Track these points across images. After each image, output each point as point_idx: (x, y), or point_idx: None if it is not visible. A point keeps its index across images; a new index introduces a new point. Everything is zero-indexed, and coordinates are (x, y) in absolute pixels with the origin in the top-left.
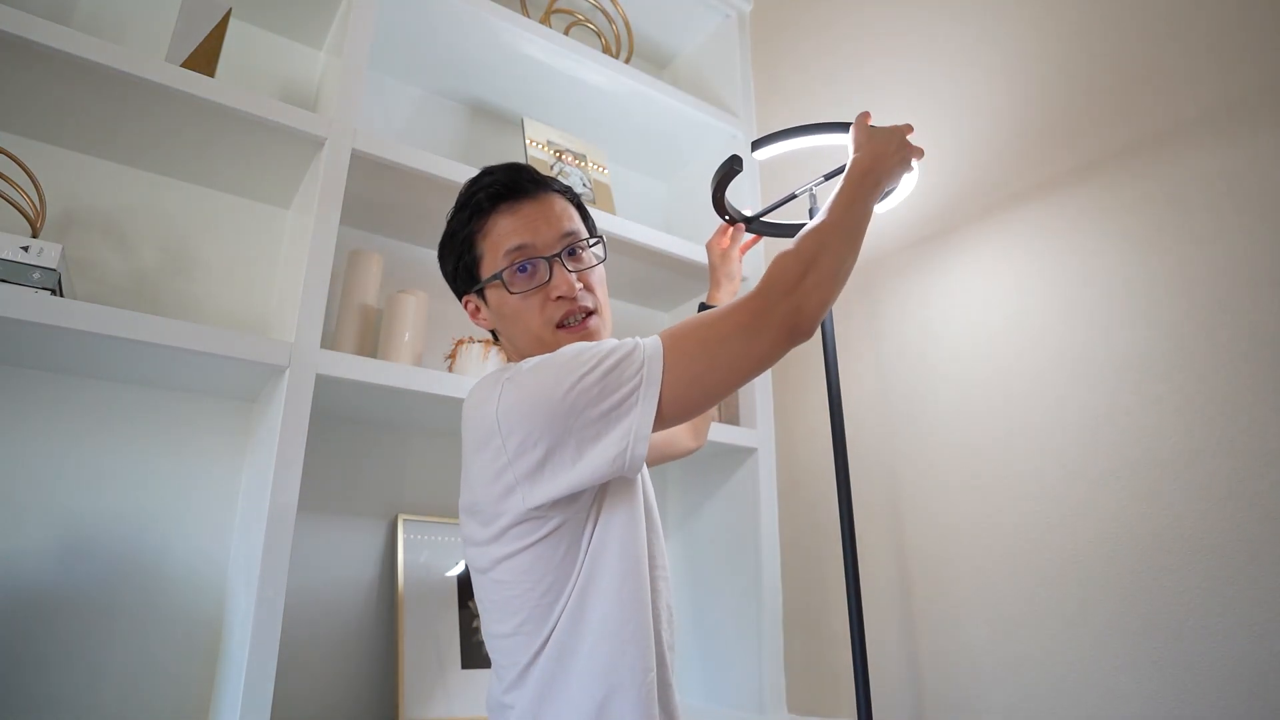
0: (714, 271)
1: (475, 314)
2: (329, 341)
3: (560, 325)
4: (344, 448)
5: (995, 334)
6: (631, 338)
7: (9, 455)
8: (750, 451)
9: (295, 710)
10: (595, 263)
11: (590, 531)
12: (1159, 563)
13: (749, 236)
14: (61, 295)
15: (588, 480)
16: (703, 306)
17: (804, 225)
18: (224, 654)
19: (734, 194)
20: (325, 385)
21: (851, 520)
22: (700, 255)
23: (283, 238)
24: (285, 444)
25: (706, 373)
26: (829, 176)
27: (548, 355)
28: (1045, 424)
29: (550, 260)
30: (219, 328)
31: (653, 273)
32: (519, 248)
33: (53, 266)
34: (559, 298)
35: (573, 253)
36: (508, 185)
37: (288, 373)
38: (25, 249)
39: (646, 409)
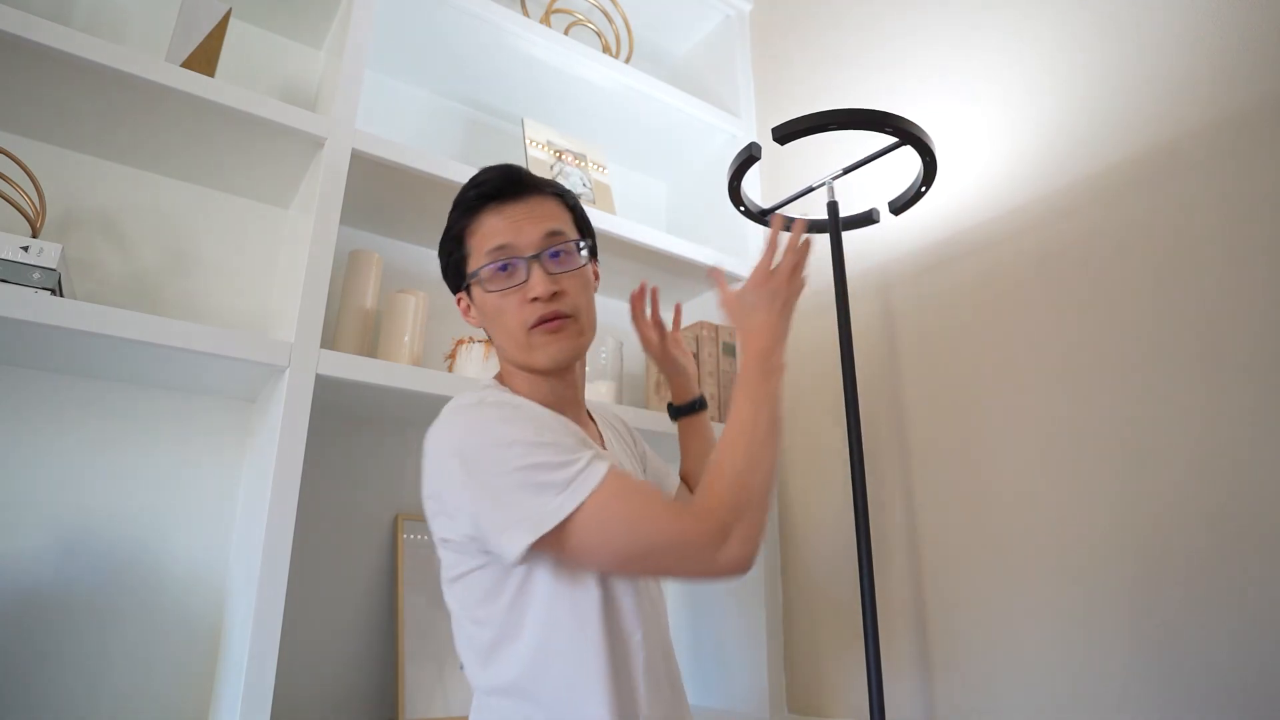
0: (660, 370)
1: (466, 312)
2: (329, 341)
3: (534, 327)
4: (344, 448)
5: (1007, 338)
6: (586, 454)
7: (9, 455)
8: None
9: (295, 710)
10: (579, 265)
11: (516, 585)
12: (1173, 571)
13: (675, 322)
14: (61, 295)
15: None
16: (671, 408)
17: (811, 219)
18: (224, 654)
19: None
20: (325, 385)
21: (866, 519)
22: (701, 255)
23: (283, 238)
24: (285, 444)
25: (615, 546)
26: (848, 170)
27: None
28: (1057, 430)
29: (529, 261)
30: (219, 328)
31: (652, 273)
32: (500, 247)
33: (53, 266)
34: (534, 299)
35: (555, 254)
36: (498, 186)
37: (287, 373)
38: (25, 249)
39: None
